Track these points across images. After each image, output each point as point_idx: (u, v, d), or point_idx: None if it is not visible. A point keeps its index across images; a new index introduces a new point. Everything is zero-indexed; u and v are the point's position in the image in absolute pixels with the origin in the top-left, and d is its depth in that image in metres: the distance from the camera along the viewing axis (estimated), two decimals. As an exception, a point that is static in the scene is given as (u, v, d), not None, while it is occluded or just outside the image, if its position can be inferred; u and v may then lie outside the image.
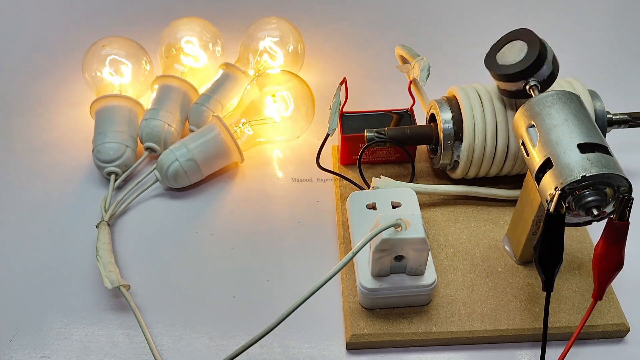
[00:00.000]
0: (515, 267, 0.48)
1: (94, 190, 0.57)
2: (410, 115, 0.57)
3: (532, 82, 0.44)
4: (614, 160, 0.37)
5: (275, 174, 0.59)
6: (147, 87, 0.64)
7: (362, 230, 0.46)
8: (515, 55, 0.45)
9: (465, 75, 0.70)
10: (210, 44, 0.66)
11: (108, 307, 0.47)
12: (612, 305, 0.45)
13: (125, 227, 0.53)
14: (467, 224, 0.51)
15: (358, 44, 0.76)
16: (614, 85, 0.68)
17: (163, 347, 0.45)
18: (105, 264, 0.47)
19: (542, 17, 0.80)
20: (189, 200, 0.56)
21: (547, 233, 0.37)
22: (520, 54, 0.45)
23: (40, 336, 0.45)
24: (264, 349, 0.44)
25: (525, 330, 0.44)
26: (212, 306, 0.47)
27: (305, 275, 0.49)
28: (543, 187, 0.38)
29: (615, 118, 0.51)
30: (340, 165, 0.57)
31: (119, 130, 0.57)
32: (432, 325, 0.44)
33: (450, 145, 0.50)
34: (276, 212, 0.55)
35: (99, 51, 0.62)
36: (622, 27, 0.79)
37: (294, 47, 0.66)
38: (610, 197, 0.37)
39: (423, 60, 0.52)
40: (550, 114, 0.39)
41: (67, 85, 0.69)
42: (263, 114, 0.58)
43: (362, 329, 0.44)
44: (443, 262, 0.48)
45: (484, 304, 0.45)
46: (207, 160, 0.55)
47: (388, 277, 0.43)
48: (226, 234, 0.53)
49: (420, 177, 0.56)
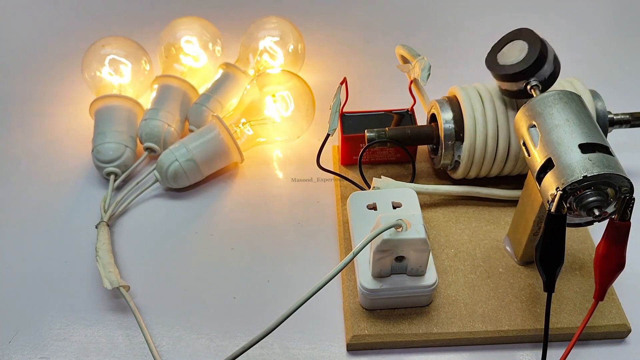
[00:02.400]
0: (517, 267, 0.47)
1: (94, 190, 0.57)
2: (411, 115, 0.57)
3: (533, 82, 0.44)
4: (615, 160, 0.36)
5: (275, 174, 0.58)
6: (146, 87, 0.64)
7: (362, 231, 0.46)
8: (516, 55, 0.45)
9: (466, 75, 0.69)
10: (210, 43, 0.66)
11: (107, 307, 0.47)
12: (614, 305, 0.45)
13: (125, 227, 0.53)
14: (468, 225, 0.51)
15: (358, 43, 0.76)
16: (615, 85, 0.68)
17: (163, 348, 0.44)
18: (105, 264, 0.47)
19: (543, 17, 0.80)
20: (188, 201, 0.56)
21: (548, 233, 0.36)
22: (521, 54, 0.45)
23: (40, 337, 0.45)
24: (264, 349, 0.44)
25: (527, 331, 0.44)
26: (212, 307, 0.47)
27: (306, 276, 0.49)
28: (544, 187, 0.38)
29: (617, 118, 0.51)
30: (341, 166, 0.57)
31: (118, 130, 0.57)
32: (433, 326, 0.44)
33: (451, 145, 0.50)
34: (276, 212, 0.55)
35: (99, 51, 0.62)
36: (623, 27, 0.79)
37: (294, 46, 0.66)
38: (612, 198, 0.36)
39: (424, 60, 0.51)
40: (551, 114, 0.39)
41: (66, 85, 0.69)
42: (263, 114, 0.57)
43: (362, 329, 0.44)
44: (444, 263, 0.48)
45: (485, 305, 0.45)
46: (206, 161, 0.55)
47: (389, 277, 0.43)
48: (226, 235, 0.52)
49: (421, 178, 0.55)
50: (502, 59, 0.46)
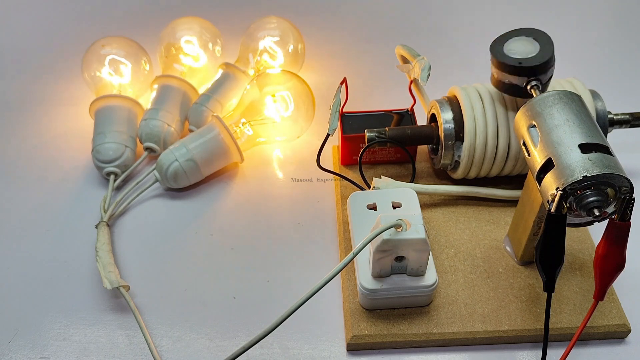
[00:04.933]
0: (516, 267, 0.47)
1: (93, 190, 0.57)
2: (411, 115, 0.57)
3: (533, 82, 0.44)
4: (615, 160, 0.36)
5: (275, 174, 0.58)
6: (146, 87, 0.64)
7: (362, 231, 0.46)
8: (524, 49, 0.45)
9: (466, 75, 0.70)
10: (210, 43, 0.66)
11: (107, 307, 0.47)
12: (614, 305, 0.45)
13: (125, 227, 0.53)
14: (468, 225, 0.51)
15: (358, 43, 0.76)
16: (615, 85, 0.68)
17: (163, 348, 0.44)
18: (105, 264, 0.47)
19: (543, 17, 0.80)
20: (188, 201, 0.56)
21: (548, 233, 0.36)
22: (531, 50, 0.44)
23: (40, 337, 0.45)
24: (264, 349, 0.44)
25: (527, 331, 0.44)
26: (212, 307, 0.47)
27: (306, 276, 0.49)
28: (544, 187, 0.38)
29: (617, 118, 0.51)
30: (341, 166, 0.57)
31: (118, 130, 0.57)
32: (433, 326, 0.44)
33: (451, 145, 0.50)
34: (276, 212, 0.55)
35: (99, 51, 0.62)
36: (624, 27, 0.79)
37: (294, 46, 0.66)
38: (612, 198, 0.36)
39: (424, 60, 0.51)
40: (551, 114, 0.39)
41: (66, 85, 0.69)
42: (263, 114, 0.57)
43: (362, 329, 0.44)
44: (444, 263, 0.48)
45: (485, 305, 0.45)
46: (206, 161, 0.55)
47: (389, 277, 0.43)
48: (226, 235, 0.52)
49: (421, 178, 0.55)
50: (508, 49, 0.45)
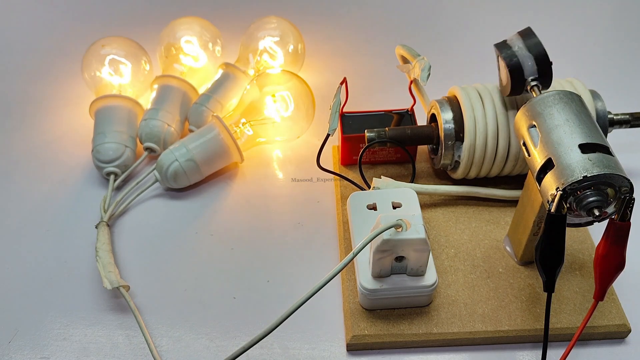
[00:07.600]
0: (516, 267, 0.47)
1: (93, 190, 0.57)
2: (411, 116, 0.57)
3: (533, 83, 0.44)
4: (615, 160, 0.36)
5: (275, 174, 0.58)
6: (146, 87, 0.64)
7: (362, 231, 0.46)
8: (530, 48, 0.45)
9: (466, 75, 0.70)
10: (210, 43, 0.66)
11: (107, 307, 0.47)
12: (614, 306, 0.45)
13: (125, 227, 0.53)
14: (468, 225, 0.51)
15: (358, 43, 0.76)
16: (615, 85, 0.68)
17: (163, 348, 0.44)
18: (105, 264, 0.47)
19: (543, 17, 0.80)
20: (188, 201, 0.56)
21: (548, 234, 0.36)
22: None
23: (40, 337, 0.45)
24: (264, 350, 0.44)
25: (527, 331, 0.44)
26: (212, 307, 0.47)
27: (306, 276, 0.49)
28: (544, 187, 0.38)
29: (617, 118, 0.51)
30: (341, 166, 0.57)
31: (118, 130, 0.57)
32: (433, 326, 0.44)
33: (451, 145, 0.50)
34: (276, 212, 0.55)
35: (99, 51, 0.62)
36: (623, 27, 0.79)
37: (294, 46, 0.66)
38: (612, 198, 0.36)
39: (424, 60, 0.51)
40: (551, 114, 0.39)
41: (66, 85, 0.69)
42: (263, 114, 0.57)
43: (362, 329, 0.44)
44: (444, 263, 0.48)
45: (485, 305, 0.45)
46: (206, 161, 0.55)
47: (389, 277, 0.43)
48: (226, 235, 0.52)
49: (421, 178, 0.55)
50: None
